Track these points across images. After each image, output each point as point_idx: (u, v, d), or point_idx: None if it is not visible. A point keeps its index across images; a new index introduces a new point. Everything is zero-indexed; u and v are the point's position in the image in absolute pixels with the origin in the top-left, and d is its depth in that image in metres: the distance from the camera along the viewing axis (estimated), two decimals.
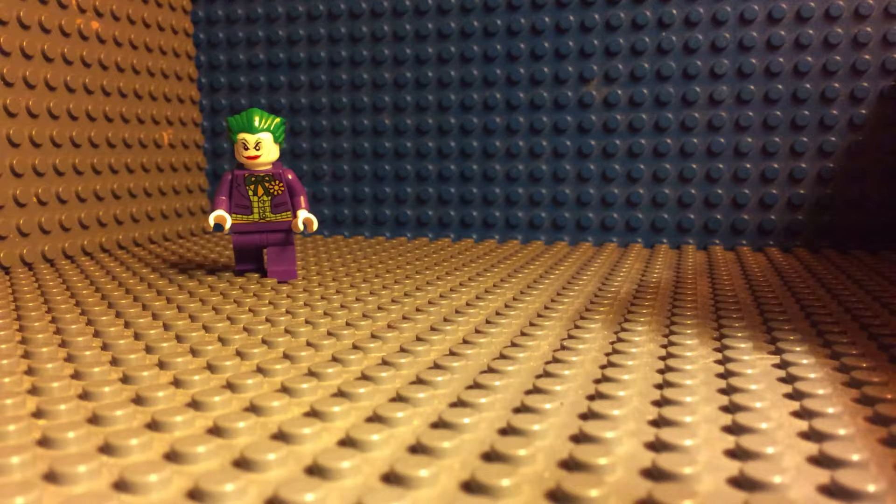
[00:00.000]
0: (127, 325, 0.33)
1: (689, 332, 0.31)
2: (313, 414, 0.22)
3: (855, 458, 0.18)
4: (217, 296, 0.40)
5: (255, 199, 0.43)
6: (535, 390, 0.24)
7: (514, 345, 0.29)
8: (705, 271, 0.48)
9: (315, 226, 0.43)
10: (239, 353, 0.28)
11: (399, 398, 0.23)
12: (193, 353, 0.29)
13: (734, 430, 0.21)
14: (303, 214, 0.43)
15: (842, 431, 0.20)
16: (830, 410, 0.22)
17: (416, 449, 0.19)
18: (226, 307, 0.37)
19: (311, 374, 0.26)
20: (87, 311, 0.36)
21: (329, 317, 0.34)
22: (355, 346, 0.29)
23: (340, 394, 0.23)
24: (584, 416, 0.22)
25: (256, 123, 0.42)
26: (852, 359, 0.26)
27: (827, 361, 0.27)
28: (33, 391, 0.24)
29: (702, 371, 0.26)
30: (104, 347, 0.29)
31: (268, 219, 0.44)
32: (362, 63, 0.68)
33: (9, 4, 0.50)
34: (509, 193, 0.65)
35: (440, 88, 0.66)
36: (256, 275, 0.45)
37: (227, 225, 0.43)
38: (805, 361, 0.26)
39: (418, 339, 0.30)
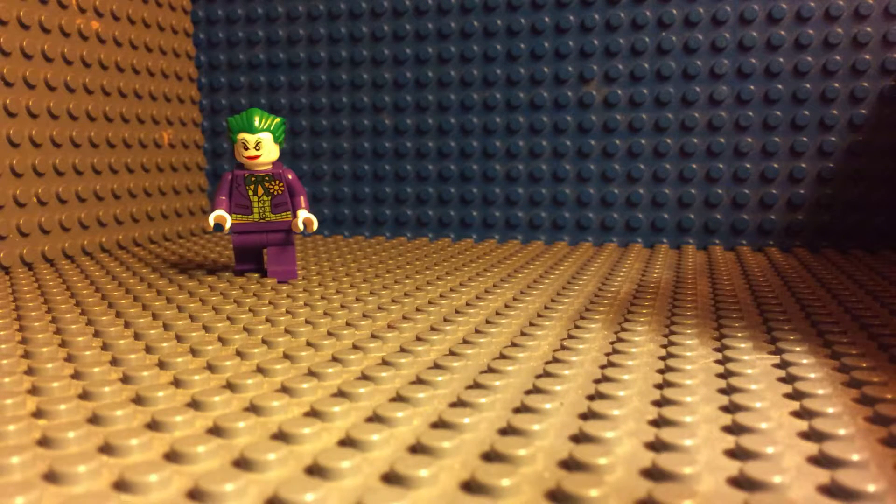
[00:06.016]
0: (127, 325, 0.33)
1: (689, 332, 0.31)
2: (313, 414, 0.22)
3: (855, 458, 0.18)
4: (217, 296, 0.40)
5: (255, 199, 0.43)
6: (535, 390, 0.24)
7: (514, 345, 0.29)
8: (705, 271, 0.48)
9: (315, 226, 0.43)
10: (239, 353, 0.28)
11: (399, 398, 0.23)
12: (193, 353, 0.29)
13: (734, 430, 0.21)
14: (303, 214, 0.43)
15: (842, 431, 0.20)
16: (830, 410, 0.22)
17: (416, 449, 0.19)
18: (226, 307, 0.37)
19: (311, 374, 0.26)
20: (87, 311, 0.36)
21: (329, 317, 0.34)
22: (355, 346, 0.29)
23: (340, 394, 0.23)
24: (584, 416, 0.22)
25: (256, 123, 0.42)
26: (852, 359, 0.26)
27: (827, 361, 0.27)
28: (33, 391, 0.24)
29: (702, 371, 0.26)
30: (104, 347, 0.29)
31: (268, 219, 0.44)
32: (362, 63, 0.68)
33: (9, 4, 0.50)
34: (509, 193, 0.65)
35: (440, 88, 0.66)
36: (256, 275, 0.45)
37: (227, 225, 0.43)
38: (805, 361, 0.26)
39: (418, 339, 0.30)
